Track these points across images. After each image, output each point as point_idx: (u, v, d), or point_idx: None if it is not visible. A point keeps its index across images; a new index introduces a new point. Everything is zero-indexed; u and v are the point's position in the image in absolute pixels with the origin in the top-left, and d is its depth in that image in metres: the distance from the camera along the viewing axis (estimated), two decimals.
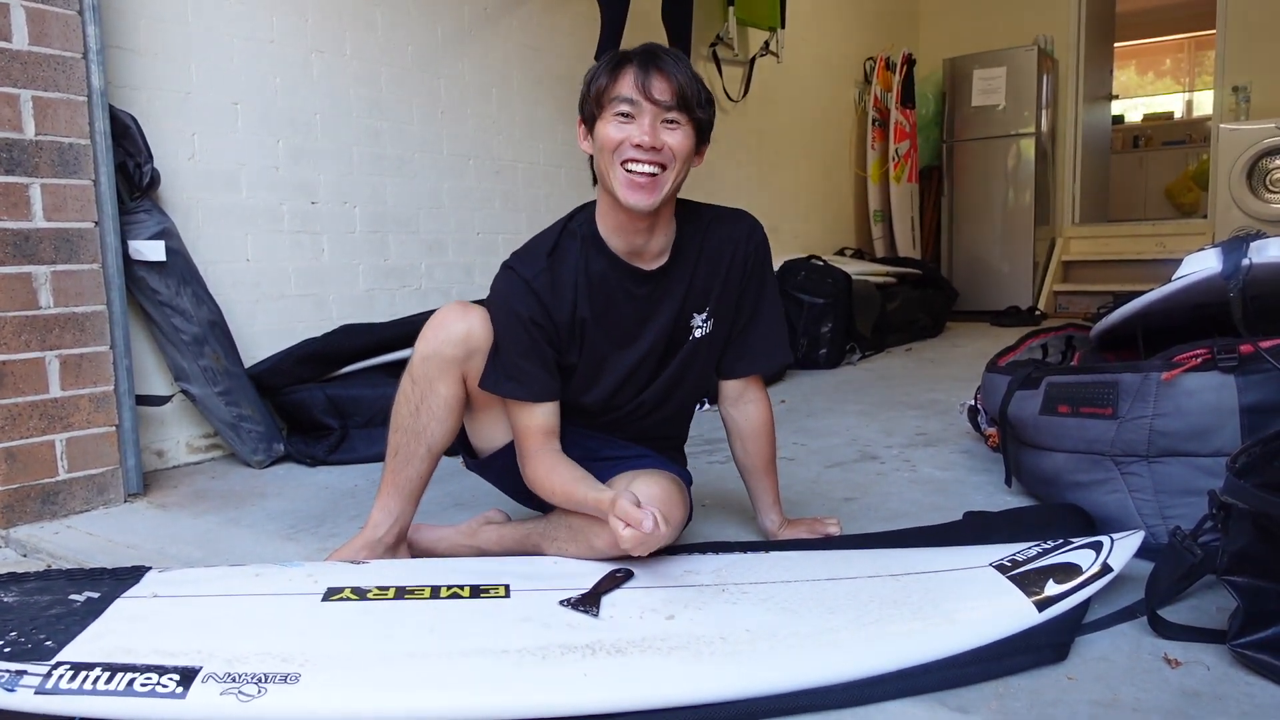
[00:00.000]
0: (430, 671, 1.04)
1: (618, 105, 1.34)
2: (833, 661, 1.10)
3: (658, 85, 1.33)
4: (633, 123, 1.34)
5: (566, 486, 1.39)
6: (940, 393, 3.24)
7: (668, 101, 1.33)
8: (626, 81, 1.34)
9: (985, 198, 5.96)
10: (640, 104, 1.33)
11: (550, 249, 1.45)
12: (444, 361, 1.43)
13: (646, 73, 1.33)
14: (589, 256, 1.45)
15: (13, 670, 0.97)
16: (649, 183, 1.35)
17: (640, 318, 1.48)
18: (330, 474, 2.33)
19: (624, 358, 1.50)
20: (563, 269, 1.44)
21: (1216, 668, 1.14)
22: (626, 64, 1.35)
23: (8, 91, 1.84)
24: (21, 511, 1.89)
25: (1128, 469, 1.57)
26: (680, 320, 1.51)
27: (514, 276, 1.43)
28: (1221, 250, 1.67)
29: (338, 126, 2.81)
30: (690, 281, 1.50)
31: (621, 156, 1.35)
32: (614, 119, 1.35)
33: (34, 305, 1.88)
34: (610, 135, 1.35)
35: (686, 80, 1.35)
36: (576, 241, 1.45)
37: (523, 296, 1.41)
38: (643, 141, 1.33)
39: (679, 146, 1.36)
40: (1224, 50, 5.62)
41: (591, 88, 1.37)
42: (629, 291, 1.46)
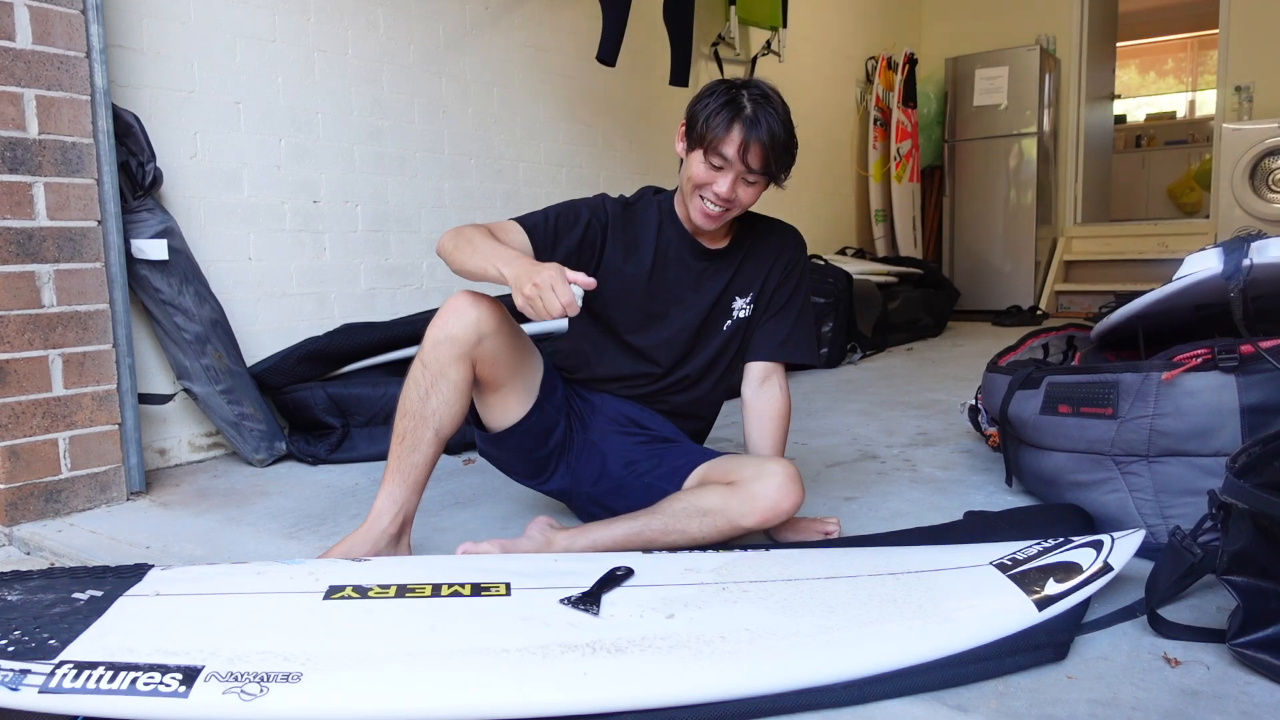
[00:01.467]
0: (431, 670, 1.05)
1: (715, 157, 1.53)
2: (832, 660, 1.10)
3: (754, 154, 1.52)
4: (720, 174, 1.54)
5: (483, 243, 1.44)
6: (941, 392, 3.25)
7: (757, 168, 1.53)
8: (733, 140, 1.51)
9: (987, 197, 5.96)
10: (734, 163, 1.53)
11: (631, 201, 1.71)
12: (456, 345, 1.48)
13: (749, 137, 1.51)
14: (663, 223, 1.69)
15: (17, 669, 0.98)
16: (717, 216, 1.59)
17: (692, 284, 1.69)
18: (331, 473, 2.33)
19: (671, 315, 1.69)
20: (641, 218, 1.68)
21: (1216, 667, 1.14)
22: (738, 119, 1.51)
23: (11, 90, 1.84)
24: (25, 509, 1.90)
25: (1128, 469, 1.57)
26: (724, 299, 1.71)
27: (597, 197, 1.68)
28: (1222, 250, 1.68)
29: (340, 126, 2.81)
30: (739, 267, 1.72)
31: (703, 194, 1.57)
32: (707, 162, 1.54)
33: (37, 304, 1.89)
34: (699, 175, 1.56)
35: (779, 150, 1.54)
36: (654, 208, 1.70)
37: (592, 205, 1.64)
38: (721, 194, 1.55)
39: (748, 199, 1.59)
40: (1227, 50, 5.61)
41: (705, 123, 1.53)
42: (688, 261, 1.69)
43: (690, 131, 1.58)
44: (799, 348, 1.75)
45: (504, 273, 1.37)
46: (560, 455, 1.70)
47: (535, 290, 1.30)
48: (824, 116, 5.51)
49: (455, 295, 1.51)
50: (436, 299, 3.09)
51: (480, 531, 1.75)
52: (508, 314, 1.54)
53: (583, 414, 1.75)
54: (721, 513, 1.51)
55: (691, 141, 1.57)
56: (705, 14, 4.24)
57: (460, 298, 1.50)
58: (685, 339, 1.71)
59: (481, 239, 1.46)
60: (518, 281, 1.33)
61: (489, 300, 1.51)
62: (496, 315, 1.51)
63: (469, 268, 1.44)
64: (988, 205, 5.96)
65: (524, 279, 1.32)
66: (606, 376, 1.74)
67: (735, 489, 1.52)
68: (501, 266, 1.38)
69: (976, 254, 6.04)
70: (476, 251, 1.43)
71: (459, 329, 1.48)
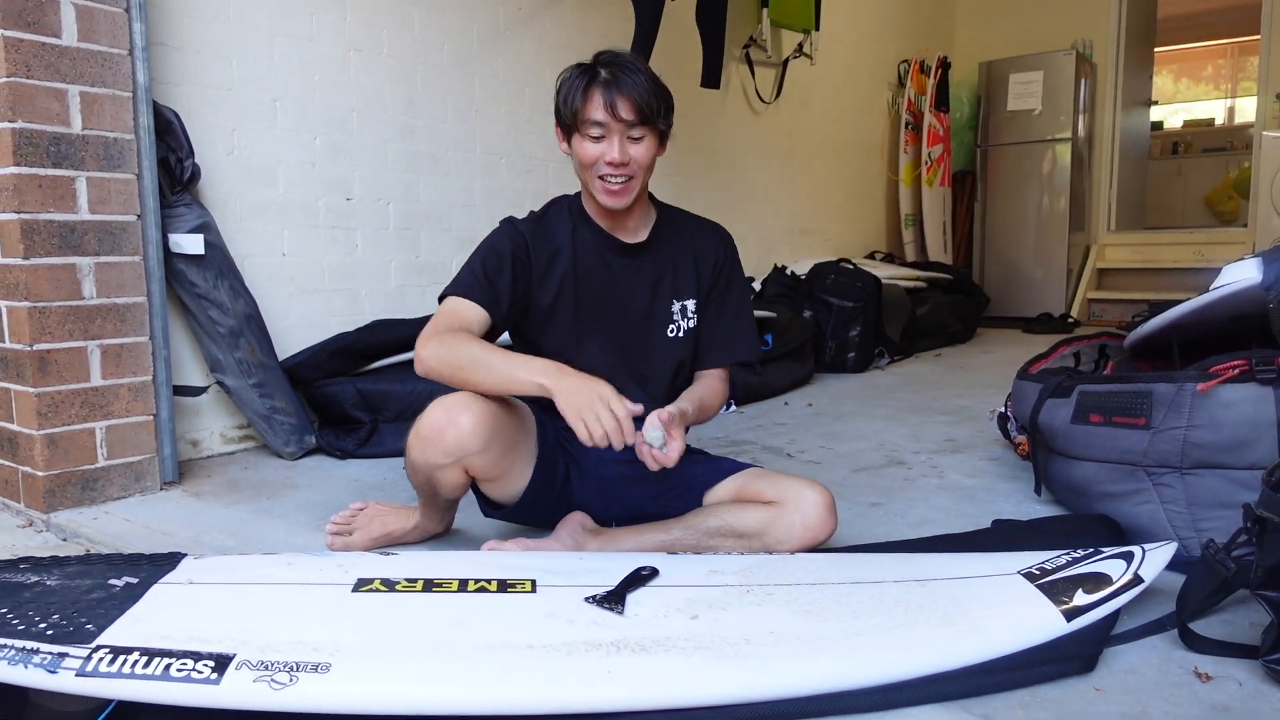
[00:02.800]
0: (457, 665, 1.06)
1: (590, 127, 1.49)
2: (856, 665, 1.09)
3: (623, 105, 1.47)
4: (604, 141, 1.50)
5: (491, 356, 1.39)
6: (970, 399, 3.22)
7: (632, 119, 1.48)
8: (595, 103, 1.48)
9: (1019, 203, 5.90)
10: (609, 124, 1.48)
11: (540, 213, 1.65)
12: (440, 469, 1.48)
13: (611, 94, 1.47)
14: (576, 225, 1.62)
15: (55, 653, 1.00)
16: (622, 189, 1.53)
17: (613, 281, 1.62)
18: (360, 467, 2.36)
19: (603, 320, 1.61)
20: (553, 226, 1.62)
21: (1248, 683, 1.12)
22: (594, 84, 1.48)
23: (57, 87, 1.88)
24: (62, 497, 1.93)
25: (1160, 480, 1.55)
26: (659, 301, 1.64)
27: (506, 223, 1.62)
28: (1262, 260, 1.65)
29: (374, 124, 2.84)
30: (670, 265, 1.65)
31: (597, 171, 1.52)
32: (588, 138, 1.50)
33: (78, 295, 1.93)
34: (587, 153, 1.51)
35: (648, 95, 1.49)
36: (564, 211, 1.64)
37: (507, 234, 1.58)
38: (613, 159, 1.49)
39: (643, 157, 1.53)
40: (1268, 56, 5.51)
41: (566, 106, 1.51)
42: (607, 259, 1.62)
43: (560, 119, 1.54)
44: (739, 345, 1.70)
45: (543, 386, 1.34)
46: (566, 491, 1.65)
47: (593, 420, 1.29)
48: (855, 119, 5.48)
49: (433, 409, 1.44)
50: None
51: (506, 528, 1.76)
52: (496, 409, 1.46)
53: (568, 444, 1.65)
54: (758, 538, 1.50)
55: (565, 130, 1.55)
56: (737, 16, 4.24)
57: (445, 411, 1.43)
58: (623, 342, 1.62)
59: (474, 349, 1.40)
60: (571, 407, 1.30)
61: (472, 408, 1.42)
62: (485, 424, 1.43)
63: (488, 388, 1.40)
64: (1020, 211, 5.90)
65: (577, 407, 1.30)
66: None
67: (773, 516, 1.50)
68: (538, 379, 1.35)
69: (1007, 260, 5.98)
70: (486, 368, 1.39)
71: (439, 456, 1.44)
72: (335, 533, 1.66)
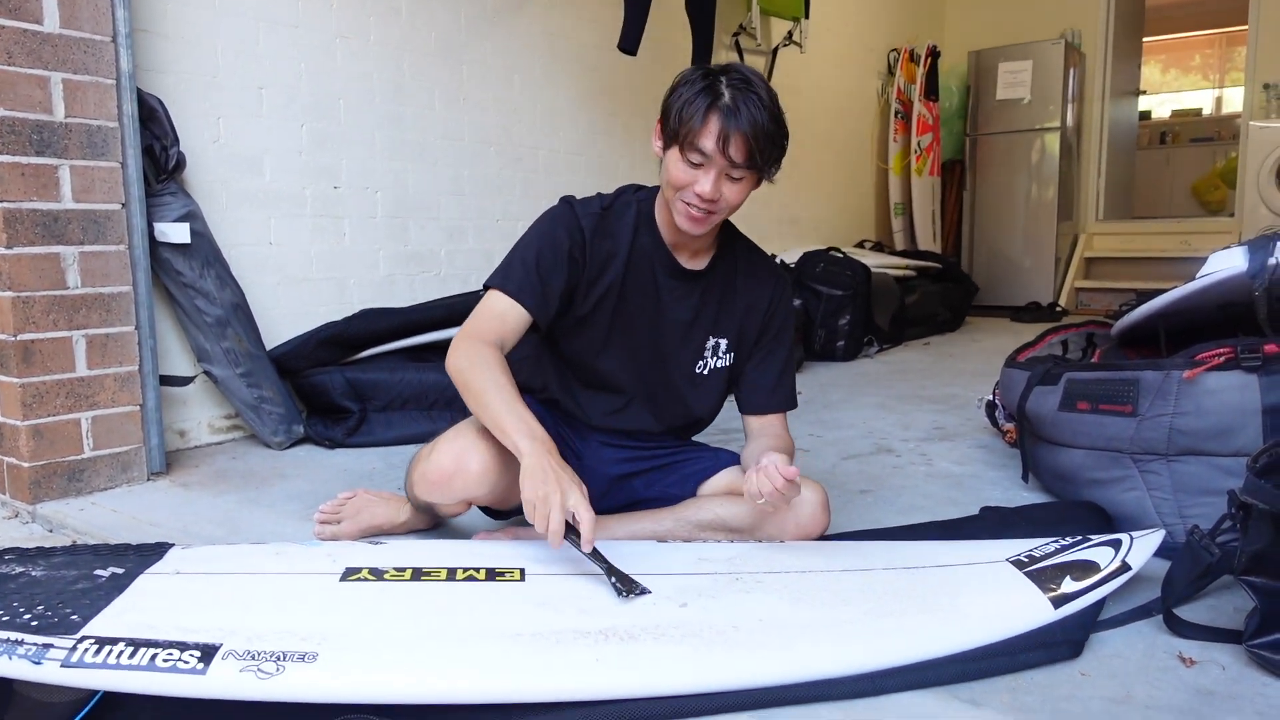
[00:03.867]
0: (445, 653, 1.06)
1: (693, 153, 1.37)
2: (845, 653, 1.10)
3: (735, 145, 1.35)
4: (701, 170, 1.38)
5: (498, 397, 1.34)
6: (958, 387, 3.23)
7: (740, 161, 1.37)
8: (710, 132, 1.35)
9: (1008, 192, 5.91)
10: (713, 158, 1.37)
11: (607, 204, 1.52)
12: (443, 506, 1.50)
13: (729, 128, 1.34)
14: (639, 230, 1.51)
15: (40, 644, 0.99)
16: (702, 218, 1.42)
17: (656, 302, 1.53)
18: (349, 456, 2.35)
19: (632, 337, 1.54)
20: (615, 225, 1.51)
21: (1231, 667, 1.13)
22: (714, 108, 1.35)
23: (39, 74, 1.86)
24: (48, 487, 1.92)
25: (1146, 467, 1.56)
26: (695, 332, 1.56)
27: (568, 209, 1.50)
28: (1248, 249, 1.66)
29: (361, 112, 2.82)
30: (719, 301, 1.57)
31: (683, 196, 1.41)
32: (685, 159, 1.39)
33: (62, 285, 1.91)
34: (679, 175, 1.40)
35: (764, 138, 1.37)
36: (632, 211, 1.52)
37: (568, 226, 1.47)
38: (703, 193, 1.38)
39: (736, 198, 1.42)
40: (1256, 46, 5.53)
41: (680, 117, 1.37)
42: (658, 278, 1.53)
43: (665, 126, 1.42)
44: (784, 396, 1.63)
45: (520, 451, 1.29)
46: None
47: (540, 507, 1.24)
48: (845, 108, 5.47)
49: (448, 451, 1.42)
50: (455, 285, 3.11)
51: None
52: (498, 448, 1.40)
53: (571, 441, 1.63)
54: (749, 534, 1.51)
55: (667, 138, 1.42)
56: (727, 4, 4.22)
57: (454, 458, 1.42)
58: (648, 372, 1.56)
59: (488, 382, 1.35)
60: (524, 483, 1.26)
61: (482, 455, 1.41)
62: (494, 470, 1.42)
63: (481, 419, 1.38)
64: (1008, 200, 5.91)
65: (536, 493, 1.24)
66: (565, 400, 1.61)
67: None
68: (521, 444, 1.29)
69: (996, 249, 6.00)
70: (484, 407, 1.35)
71: (445, 498, 1.45)
72: (323, 522, 1.65)
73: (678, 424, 1.65)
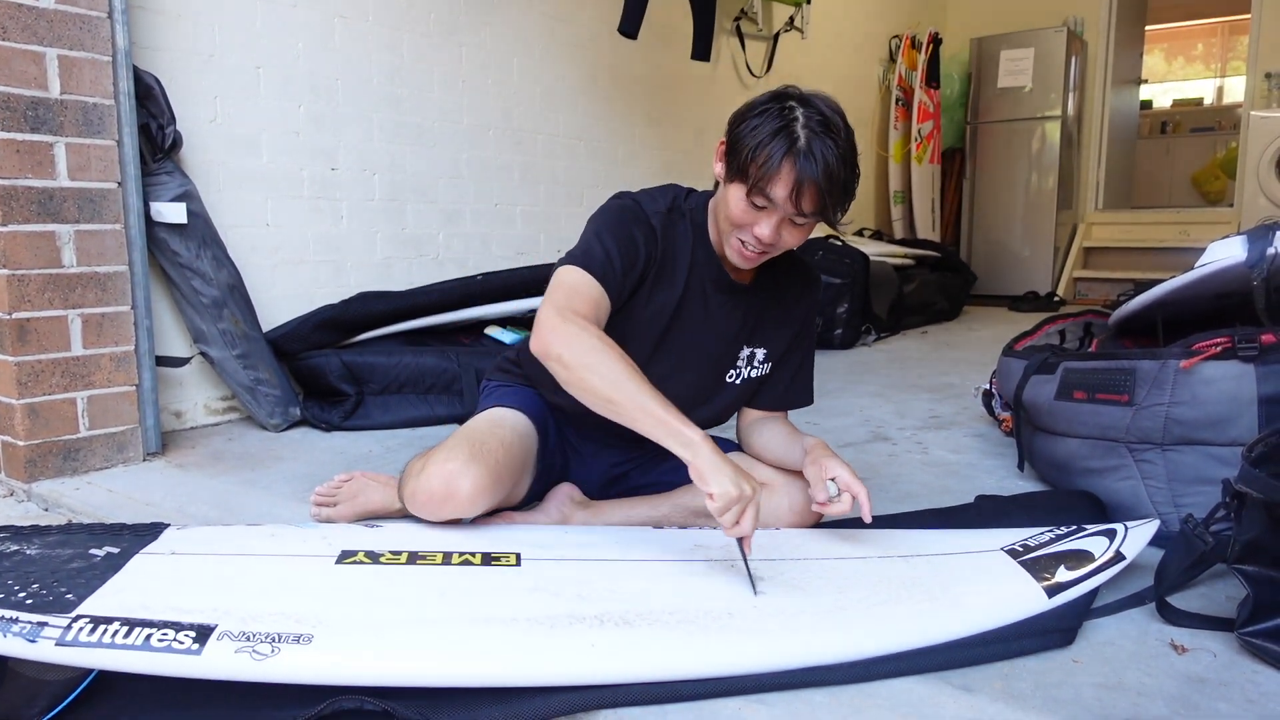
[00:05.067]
0: (439, 637, 1.06)
1: (761, 198, 1.30)
2: (840, 640, 1.10)
3: (807, 198, 1.28)
4: (763, 214, 1.31)
5: (641, 386, 1.21)
6: (955, 376, 3.23)
7: (809, 212, 1.30)
8: (783, 181, 1.27)
9: (1008, 181, 5.90)
10: (780, 205, 1.29)
11: (668, 209, 1.45)
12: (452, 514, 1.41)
13: (804, 178, 1.26)
14: (696, 245, 1.45)
15: (35, 622, 0.99)
16: (754, 257, 1.38)
17: (707, 319, 1.49)
18: (345, 439, 2.35)
19: (680, 353, 1.49)
20: (677, 235, 1.44)
21: (1223, 655, 1.14)
22: (790, 154, 1.26)
23: (34, 50, 1.84)
24: (44, 467, 1.92)
25: (1142, 456, 1.57)
26: (734, 346, 1.53)
27: (638, 206, 1.42)
28: (1247, 239, 1.65)
29: (359, 93, 2.80)
30: (760, 311, 1.53)
31: (739, 235, 1.35)
32: (749, 201, 1.31)
33: (57, 264, 1.90)
34: (739, 214, 1.33)
35: (838, 190, 1.30)
36: (687, 222, 1.46)
37: (642, 223, 1.40)
38: (762, 237, 1.32)
39: (793, 241, 1.36)
40: (1258, 36, 5.51)
41: (751, 156, 1.28)
42: (709, 294, 1.48)
43: (732, 158, 1.32)
44: (802, 391, 1.62)
45: (682, 450, 1.18)
46: (562, 478, 1.64)
47: (739, 507, 1.17)
48: (845, 95, 5.38)
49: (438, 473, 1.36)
50: (452, 269, 3.10)
51: None
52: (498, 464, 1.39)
53: (570, 437, 1.63)
54: None
55: (732, 171, 1.32)
56: None
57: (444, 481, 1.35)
58: (688, 382, 1.50)
59: (620, 370, 1.22)
60: (717, 477, 1.16)
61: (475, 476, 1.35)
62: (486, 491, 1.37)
63: (607, 413, 1.24)
64: (1008, 189, 5.90)
65: (730, 480, 1.16)
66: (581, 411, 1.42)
67: (764, 497, 1.43)
68: (683, 433, 1.18)
69: (995, 238, 5.99)
70: (625, 396, 1.21)
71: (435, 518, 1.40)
72: (319, 504, 1.65)
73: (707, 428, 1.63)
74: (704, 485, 1.17)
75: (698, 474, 1.18)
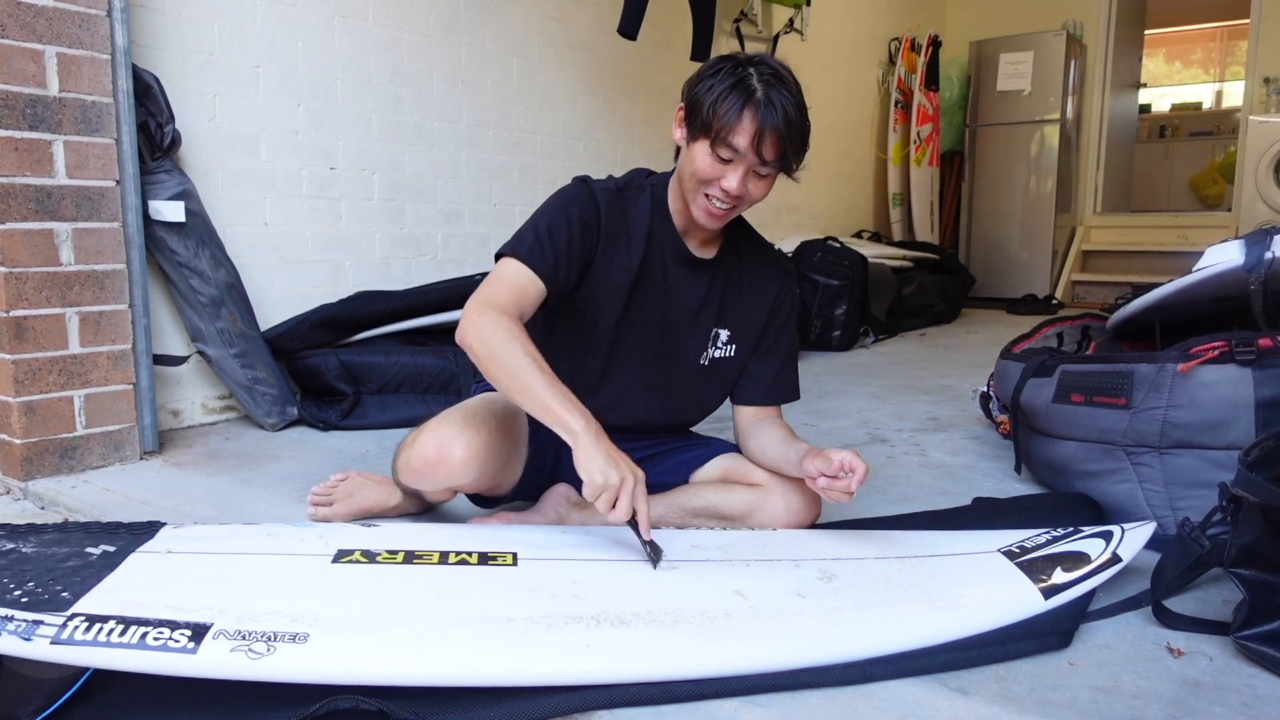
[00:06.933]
0: (436, 636, 1.05)
1: (725, 150, 1.34)
2: (836, 641, 1.10)
3: (769, 143, 1.33)
4: (729, 167, 1.36)
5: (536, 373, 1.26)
6: (953, 378, 3.24)
7: (771, 159, 1.35)
8: (744, 130, 1.32)
9: (1006, 184, 5.91)
10: (745, 155, 1.34)
11: (622, 185, 1.50)
12: (429, 493, 1.51)
13: (764, 126, 1.32)
14: (654, 219, 1.48)
15: (30, 620, 0.99)
16: (723, 214, 1.41)
17: (667, 294, 1.51)
18: (342, 439, 2.35)
19: (644, 329, 1.51)
20: (630, 208, 1.48)
21: (1219, 659, 1.14)
22: (749, 105, 1.32)
23: (33, 47, 1.84)
24: (40, 465, 1.92)
25: (1139, 459, 1.57)
26: (701, 323, 1.54)
27: (583, 185, 1.46)
28: (1245, 243, 1.66)
29: (358, 93, 2.80)
30: (724, 291, 1.55)
31: (706, 190, 1.39)
32: (714, 154, 1.35)
33: (55, 262, 1.90)
34: (705, 169, 1.37)
35: (795, 134, 1.35)
36: (646, 196, 1.49)
37: (584, 201, 1.43)
38: (730, 189, 1.36)
39: (759, 194, 1.41)
40: (1257, 40, 5.52)
41: (712, 110, 1.33)
42: (670, 268, 1.50)
43: (692, 119, 1.37)
44: (786, 387, 1.62)
45: (573, 434, 1.23)
46: (555, 473, 1.64)
47: (610, 493, 1.21)
48: (845, 98, 5.45)
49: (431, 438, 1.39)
50: (451, 269, 3.10)
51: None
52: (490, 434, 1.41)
53: None
54: (741, 521, 1.51)
55: (694, 130, 1.37)
56: None
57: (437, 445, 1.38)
58: (650, 355, 1.53)
59: (523, 359, 1.26)
60: (589, 465, 1.22)
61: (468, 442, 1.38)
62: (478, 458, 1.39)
63: (517, 401, 1.29)
64: (1007, 192, 5.91)
65: (598, 468, 1.21)
66: None
67: (758, 499, 1.50)
68: (568, 421, 1.23)
69: (993, 241, 5.99)
70: (525, 387, 1.26)
71: (429, 485, 1.44)
72: (315, 503, 1.65)
73: (687, 417, 1.64)
74: (579, 472, 1.23)
75: (575, 461, 1.23)
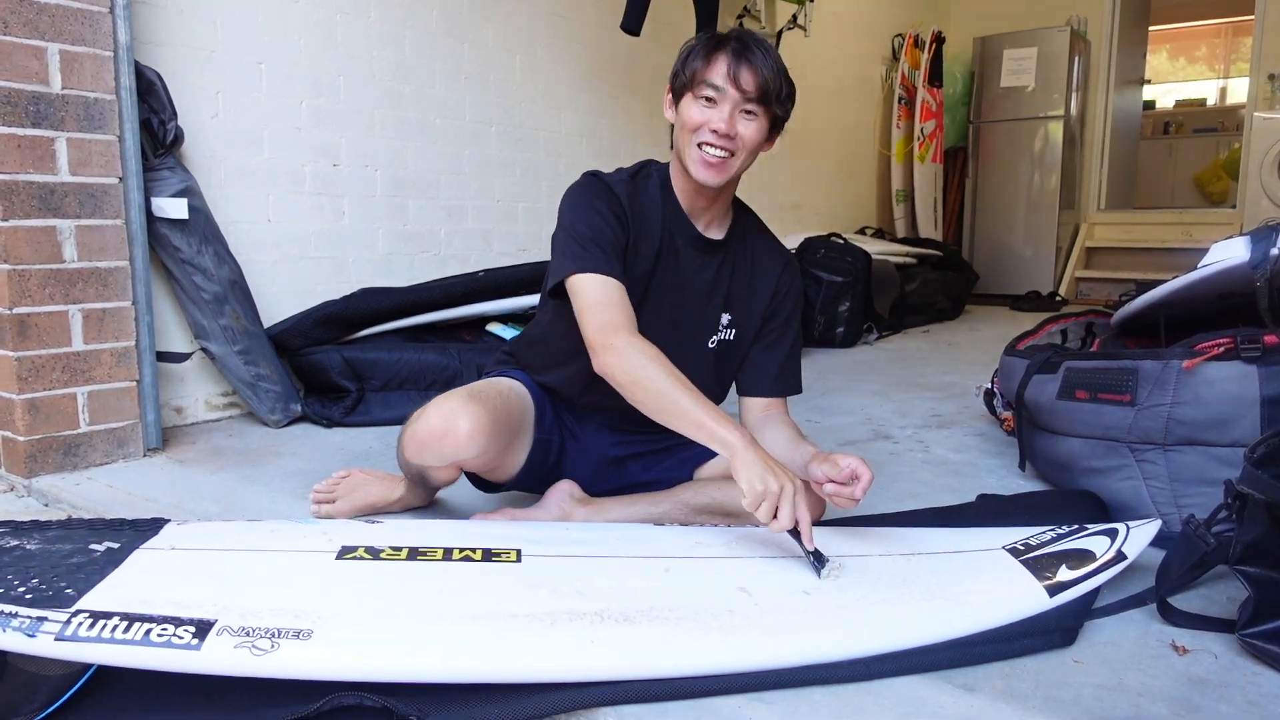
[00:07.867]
0: (439, 633, 1.05)
1: (705, 89, 1.40)
2: (840, 638, 1.10)
3: (745, 76, 1.39)
4: (714, 108, 1.41)
5: (686, 392, 1.30)
6: (957, 375, 3.23)
7: (751, 93, 1.40)
8: (718, 68, 1.39)
9: (1010, 180, 5.89)
10: (725, 91, 1.40)
11: (633, 174, 1.53)
12: (434, 469, 1.50)
13: (738, 61, 1.39)
14: (665, 201, 1.52)
15: (34, 616, 0.99)
16: (719, 164, 1.43)
17: (680, 276, 1.53)
18: (345, 435, 2.35)
19: (659, 315, 1.51)
20: (645, 197, 1.51)
21: (1224, 656, 1.14)
22: (721, 49, 1.40)
23: (35, 44, 1.84)
24: (44, 462, 1.92)
25: (1143, 456, 1.56)
26: (710, 307, 1.55)
27: (597, 180, 1.48)
28: (1250, 239, 1.65)
29: (360, 89, 2.80)
30: (732, 276, 1.56)
31: (699, 138, 1.42)
32: (699, 101, 1.41)
33: (58, 259, 1.90)
34: (693, 116, 1.42)
35: (773, 74, 1.41)
36: (655, 183, 1.53)
37: (604, 193, 1.46)
38: (719, 128, 1.40)
39: (750, 137, 1.43)
40: (1261, 37, 5.50)
41: (686, 66, 1.43)
42: (680, 250, 1.52)
43: (675, 85, 1.46)
44: (791, 379, 1.63)
45: (723, 450, 1.26)
46: (560, 465, 1.64)
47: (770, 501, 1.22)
48: (848, 94, 5.44)
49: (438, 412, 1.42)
50: (454, 266, 3.10)
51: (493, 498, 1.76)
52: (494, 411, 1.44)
53: (567, 421, 1.64)
54: (746, 518, 1.48)
55: (677, 92, 1.45)
56: None
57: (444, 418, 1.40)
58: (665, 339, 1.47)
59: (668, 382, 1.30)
60: (748, 474, 1.23)
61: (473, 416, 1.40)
62: (484, 431, 1.41)
63: (666, 423, 1.32)
64: (1011, 188, 5.89)
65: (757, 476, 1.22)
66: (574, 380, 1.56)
67: None
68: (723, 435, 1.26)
69: (997, 238, 5.98)
70: (674, 406, 1.30)
71: (435, 459, 1.45)
72: (318, 500, 1.65)
73: None
74: (739, 483, 1.24)
75: (734, 472, 1.25)
